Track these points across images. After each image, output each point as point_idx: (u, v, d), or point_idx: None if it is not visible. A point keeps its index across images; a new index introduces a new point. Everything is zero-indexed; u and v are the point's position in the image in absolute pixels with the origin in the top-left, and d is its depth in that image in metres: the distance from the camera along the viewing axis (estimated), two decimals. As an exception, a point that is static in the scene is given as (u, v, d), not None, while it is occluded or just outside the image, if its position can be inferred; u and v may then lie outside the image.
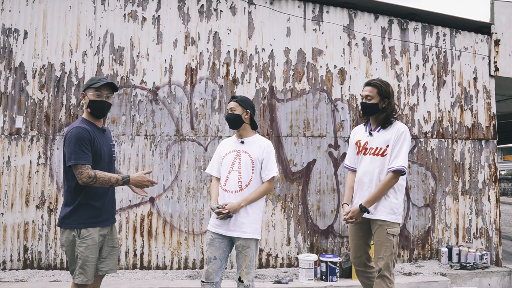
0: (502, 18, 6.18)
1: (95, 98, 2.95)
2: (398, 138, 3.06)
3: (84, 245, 2.81)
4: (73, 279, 2.84)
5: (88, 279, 2.82)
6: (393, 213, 3.07)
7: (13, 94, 5.45)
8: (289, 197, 5.62)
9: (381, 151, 3.11)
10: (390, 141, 3.09)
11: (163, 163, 5.48)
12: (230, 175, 3.15)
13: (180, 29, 5.67)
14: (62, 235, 2.87)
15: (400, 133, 3.07)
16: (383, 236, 3.03)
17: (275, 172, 3.15)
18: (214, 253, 3.11)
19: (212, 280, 3.09)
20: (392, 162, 3.04)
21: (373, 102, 3.16)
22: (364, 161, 3.20)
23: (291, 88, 5.74)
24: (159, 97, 5.57)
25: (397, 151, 3.04)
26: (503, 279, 5.48)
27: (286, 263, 5.53)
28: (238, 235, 3.05)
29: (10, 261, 5.26)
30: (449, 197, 5.92)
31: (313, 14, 5.87)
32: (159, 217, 5.42)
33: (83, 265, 2.80)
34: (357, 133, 3.36)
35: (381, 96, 3.15)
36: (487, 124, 6.08)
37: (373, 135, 3.19)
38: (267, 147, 3.19)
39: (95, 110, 2.98)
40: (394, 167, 3.01)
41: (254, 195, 3.10)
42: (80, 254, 2.80)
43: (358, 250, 3.25)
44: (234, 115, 3.19)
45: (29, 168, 5.37)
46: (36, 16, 5.56)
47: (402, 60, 5.99)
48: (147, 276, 5.08)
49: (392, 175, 3.03)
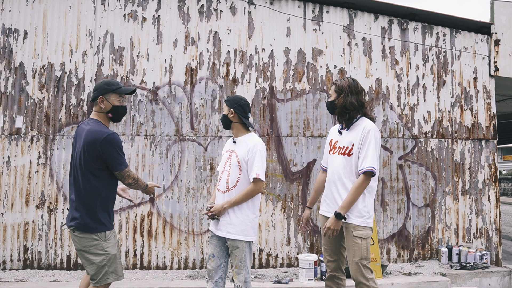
0: (502, 18, 6.18)
1: (119, 104, 2.93)
2: (364, 138, 2.95)
3: (111, 244, 2.84)
4: (100, 282, 2.79)
5: (120, 275, 2.85)
6: (360, 216, 2.94)
7: (13, 94, 5.45)
8: (289, 197, 5.62)
9: (347, 150, 3.03)
10: (355, 140, 2.99)
11: (163, 163, 5.48)
12: (222, 175, 3.17)
13: (180, 29, 5.67)
14: (80, 239, 2.80)
15: (366, 132, 2.96)
16: (350, 240, 2.93)
17: (255, 173, 2.99)
18: (212, 250, 3.15)
19: (212, 278, 3.10)
20: (362, 163, 2.93)
21: (331, 99, 3.15)
22: (333, 160, 3.14)
23: (291, 88, 5.74)
24: (159, 97, 5.57)
25: (365, 152, 2.93)
26: (503, 279, 5.48)
27: (286, 263, 5.53)
28: (224, 235, 3.06)
29: (10, 261, 5.26)
30: (449, 197, 5.92)
31: (313, 14, 5.87)
32: (159, 217, 5.42)
33: (113, 264, 2.82)
34: (331, 132, 3.33)
35: (337, 92, 3.09)
36: (487, 124, 6.09)
37: (342, 134, 3.14)
38: (254, 147, 3.05)
39: (117, 116, 2.97)
40: (364, 169, 2.90)
41: (237, 198, 3.03)
42: (109, 254, 2.81)
43: (334, 253, 3.12)
44: (222, 115, 3.22)
45: (29, 168, 5.37)
46: (36, 16, 5.56)
47: (402, 60, 6.00)
48: (147, 276, 5.08)
49: (363, 177, 2.91)
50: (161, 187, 3.26)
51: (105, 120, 2.94)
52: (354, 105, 3.04)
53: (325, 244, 3.16)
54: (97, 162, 2.81)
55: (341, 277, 3.13)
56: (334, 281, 3.13)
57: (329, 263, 3.14)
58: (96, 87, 2.93)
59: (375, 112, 5.85)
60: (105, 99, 2.89)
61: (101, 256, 2.80)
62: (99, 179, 2.83)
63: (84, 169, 2.81)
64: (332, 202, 3.08)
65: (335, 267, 3.12)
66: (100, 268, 2.81)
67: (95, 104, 2.95)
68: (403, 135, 5.90)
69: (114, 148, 2.80)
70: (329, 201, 3.11)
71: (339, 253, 3.11)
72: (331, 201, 3.09)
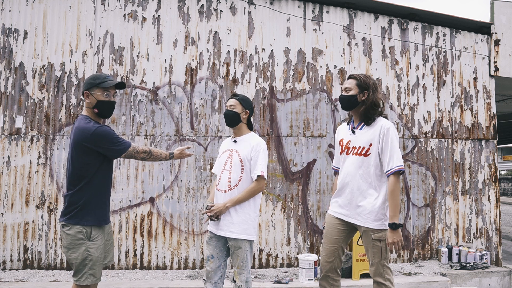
0: (502, 18, 6.18)
1: (104, 99, 2.82)
2: (385, 137, 2.84)
3: (95, 246, 2.77)
4: (79, 281, 2.75)
5: (97, 278, 2.79)
6: (378, 220, 2.87)
7: (13, 94, 5.45)
8: (289, 197, 5.62)
9: (363, 150, 2.90)
10: (374, 140, 2.88)
11: (163, 163, 5.48)
12: (222, 175, 3.14)
13: (180, 29, 5.67)
14: (67, 235, 2.77)
15: (386, 131, 2.85)
16: (370, 243, 2.88)
17: (260, 171, 3.03)
18: (211, 251, 3.11)
19: (211, 279, 3.08)
20: (389, 164, 2.82)
21: (352, 93, 2.94)
22: (347, 161, 3.00)
23: (291, 88, 5.74)
24: (159, 97, 5.57)
25: (390, 151, 2.82)
26: (503, 279, 5.48)
27: (286, 263, 5.53)
28: (226, 234, 3.04)
29: (10, 261, 5.26)
30: (449, 197, 5.92)
31: (313, 14, 5.87)
32: (159, 217, 5.42)
33: (93, 266, 2.75)
34: (340, 131, 3.16)
35: (360, 87, 2.93)
36: (487, 124, 6.08)
37: (356, 133, 2.97)
38: (256, 145, 3.08)
39: (103, 111, 2.85)
40: (393, 169, 2.80)
41: (240, 196, 3.03)
42: (91, 255, 2.74)
43: (332, 254, 3.03)
44: (233, 112, 3.16)
45: (29, 168, 5.37)
46: (36, 16, 5.56)
47: (402, 60, 5.99)
48: (147, 276, 5.08)
49: (395, 178, 2.81)
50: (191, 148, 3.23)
51: (94, 116, 2.85)
52: (378, 103, 2.94)
53: (325, 243, 3.09)
54: (88, 158, 2.76)
55: (336, 278, 3.06)
56: (328, 281, 3.06)
57: (325, 263, 3.06)
58: (84, 82, 2.87)
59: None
60: (90, 94, 2.80)
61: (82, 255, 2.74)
62: (89, 174, 2.77)
63: (76, 165, 2.78)
64: (345, 204, 2.99)
65: (330, 268, 3.05)
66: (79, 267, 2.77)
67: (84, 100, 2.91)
68: (403, 135, 5.90)
69: (105, 139, 2.73)
70: (341, 202, 3.01)
71: (337, 255, 3.04)
72: (344, 202, 2.99)
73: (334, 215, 3.08)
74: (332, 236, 3.05)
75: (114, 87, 2.88)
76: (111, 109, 2.90)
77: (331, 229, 3.06)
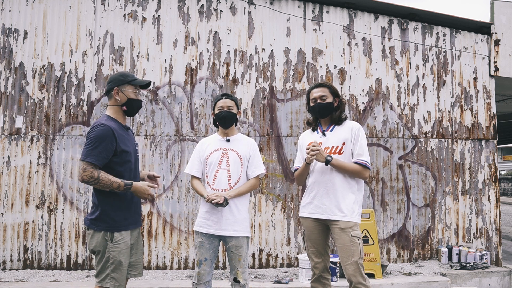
0: (502, 18, 6.18)
1: (135, 97, 2.78)
2: (356, 136, 3.04)
3: (117, 249, 2.65)
4: (101, 283, 2.65)
5: (120, 284, 2.67)
6: (352, 212, 2.97)
7: (13, 94, 5.45)
8: (289, 197, 5.62)
9: (337, 149, 3.05)
10: (346, 138, 3.05)
11: (163, 163, 5.48)
12: (218, 174, 3.09)
13: (180, 29, 5.67)
14: (92, 238, 2.67)
15: (357, 130, 3.06)
16: (348, 240, 2.91)
17: (262, 169, 3.18)
18: (204, 254, 3.07)
19: (204, 280, 3.08)
20: (359, 156, 3.00)
21: (328, 101, 3.13)
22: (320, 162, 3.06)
23: (291, 88, 5.74)
24: (159, 97, 5.57)
25: (361, 148, 3.02)
26: (503, 279, 5.48)
27: (286, 263, 5.53)
28: (230, 233, 3.03)
29: (10, 261, 5.26)
30: (449, 197, 5.92)
31: (313, 14, 5.87)
32: (159, 217, 5.42)
33: (115, 270, 2.64)
34: (306, 137, 3.28)
35: (333, 94, 3.15)
36: (487, 124, 6.09)
37: (327, 135, 3.12)
38: (253, 145, 3.23)
39: (133, 110, 2.81)
40: (362, 161, 2.98)
41: (242, 188, 3.08)
42: (113, 258, 2.64)
43: (320, 253, 3.11)
44: (232, 113, 3.17)
45: (29, 168, 5.37)
46: (36, 16, 5.56)
47: (402, 60, 6.00)
48: (147, 276, 5.08)
49: (360, 167, 2.98)
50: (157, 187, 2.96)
51: (119, 115, 2.77)
52: (344, 105, 3.23)
53: (311, 246, 3.13)
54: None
55: (327, 276, 3.14)
56: (320, 281, 3.11)
57: (317, 265, 3.11)
58: (110, 79, 2.78)
59: (375, 112, 5.86)
60: (120, 91, 2.74)
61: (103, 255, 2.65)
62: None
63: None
64: (321, 203, 3.03)
65: (322, 268, 3.11)
66: (101, 268, 2.67)
67: (109, 98, 2.79)
68: (403, 135, 5.90)
69: (88, 137, 2.62)
70: (317, 202, 3.05)
71: (325, 253, 3.13)
72: (320, 202, 3.03)
73: (310, 217, 3.10)
74: (316, 237, 3.11)
75: (142, 86, 2.86)
76: (139, 108, 2.87)
77: (310, 232, 3.11)
